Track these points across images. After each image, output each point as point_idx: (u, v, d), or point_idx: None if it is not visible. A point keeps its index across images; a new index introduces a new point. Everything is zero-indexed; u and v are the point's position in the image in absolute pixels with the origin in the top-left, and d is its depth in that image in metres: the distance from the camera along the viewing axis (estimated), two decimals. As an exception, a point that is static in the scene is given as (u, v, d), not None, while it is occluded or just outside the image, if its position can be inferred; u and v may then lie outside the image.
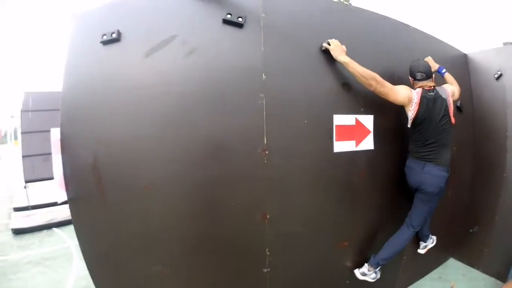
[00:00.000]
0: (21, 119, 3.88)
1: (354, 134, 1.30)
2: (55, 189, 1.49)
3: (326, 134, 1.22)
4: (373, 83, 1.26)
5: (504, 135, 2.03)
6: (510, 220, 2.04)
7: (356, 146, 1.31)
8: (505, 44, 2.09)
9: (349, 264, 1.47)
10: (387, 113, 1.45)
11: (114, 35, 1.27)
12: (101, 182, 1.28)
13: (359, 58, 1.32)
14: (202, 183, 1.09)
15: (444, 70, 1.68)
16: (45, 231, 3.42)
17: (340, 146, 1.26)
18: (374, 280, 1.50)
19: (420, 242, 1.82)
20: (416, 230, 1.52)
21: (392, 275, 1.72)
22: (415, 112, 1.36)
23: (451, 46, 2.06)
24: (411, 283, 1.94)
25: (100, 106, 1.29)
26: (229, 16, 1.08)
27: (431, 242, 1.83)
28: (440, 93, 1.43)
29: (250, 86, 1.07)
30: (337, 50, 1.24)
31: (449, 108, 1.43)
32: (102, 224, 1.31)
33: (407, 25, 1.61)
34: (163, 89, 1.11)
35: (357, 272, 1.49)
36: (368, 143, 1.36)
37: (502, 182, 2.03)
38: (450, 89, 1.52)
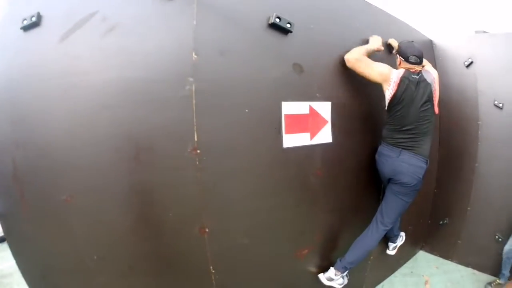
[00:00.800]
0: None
1: (308, 125, 1.14)
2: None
3: (273, 126, 1.04)
4: (350, 59, 1.24)
5: (476, 124, 1.97)
6: (483, 210, 1.99)
7: (311, 139, 1.18)
8: (477, 32, 2.02)
9: (312, 271, 1.35)
10: (349, 99, 1.30)
11: (34, 19, 1.09)
12: (23, 194, 1.11)
13: (318, 36, 1.18)
14: (127, 193, 0.93)
15: None
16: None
17: (291, 140, 1.11)
18: (342, 286, 1.36)
19: (389, 243, 1.70)
20: (388, 228, 1.38)
21: (359, 276, 1.62)
22: (393, 92, 1.26)
23: (416, 31, 1.96)
24: (381, 281, 1.86)
25: (18, 102, 1.12)
26: None
27: (401, 240, 1.73)
28: (425, 76, 1.32)
29: (177, 69, 0.87)
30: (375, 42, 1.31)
31: (434, 95, 1.33)
32: (33, 243, 1.15)
33: (370, 4, 1.49)
34: (76, 79, 0.94)
35: (322, 277, 1.34)
36: (325, 135, 1.21)
37: (474, 173, 1.98)
38: (436, 74, 1.39)
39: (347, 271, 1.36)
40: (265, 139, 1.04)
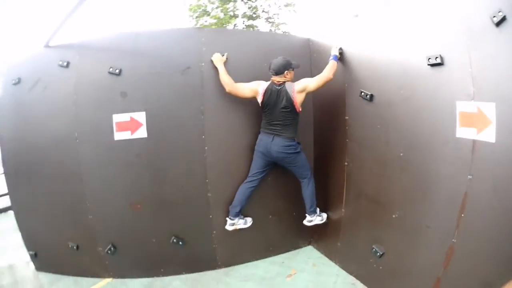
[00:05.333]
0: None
1: (129, 127, 1.81)
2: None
3: (109, 128, 1.80)
4: (226, 87, 1.80)
5: (344, 119, 1.78)
6: (355, 215, 1.81)
7: (132, 134, 1.81)
8: (355, 16, 1.80)
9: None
10: (158, 109, 1.83)
11: None
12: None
13: (143, 69, 1.80)
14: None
15: (335, 58, 1.78)
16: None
17: (120, 135, 1.81)
18: (322, 221, 1.98)
19: (228, 218, 1.89)
20: (310, 175, 1.92)
21: (208, 246, 1.97)
22: (261, 99, 1.81)
23: (293, 36, 2.03)
24: (241, 262, 2.03)
25: None
26: None
27: (243, 223, 1.90)
28: (286, 87, 1.78)
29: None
30: (216, 59, 1.83)
31: (293, 101, 1.77)
32: None
33: (218, 30, 1.90)
34: None
35: (308, 219, 1.96)
36: (141, 133, 1.81)
37: (344, 172, 1.80)
38: (300, 86, 1.77)
39: (316, 208, 1.98)
40: (106, 136, 1.81)
